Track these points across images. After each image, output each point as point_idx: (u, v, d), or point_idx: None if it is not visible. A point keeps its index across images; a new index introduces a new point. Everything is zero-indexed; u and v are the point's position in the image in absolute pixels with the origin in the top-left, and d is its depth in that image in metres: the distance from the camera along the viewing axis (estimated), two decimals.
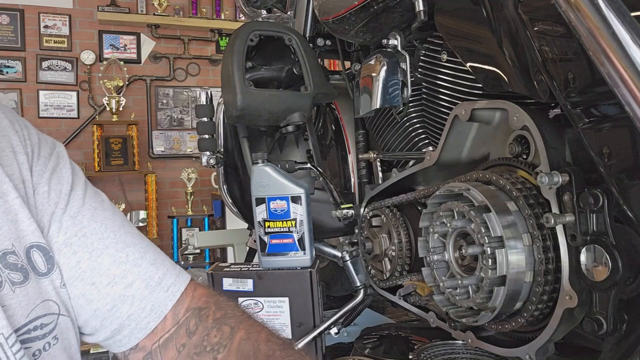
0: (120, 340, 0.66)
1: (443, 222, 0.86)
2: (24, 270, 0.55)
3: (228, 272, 1.19)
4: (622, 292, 0.67)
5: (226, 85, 1.25)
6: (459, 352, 1.10)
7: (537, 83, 0.75)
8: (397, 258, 1.16)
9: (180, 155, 4.74)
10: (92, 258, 0.63)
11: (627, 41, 0.51)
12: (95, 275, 0.63)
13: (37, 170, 0.62)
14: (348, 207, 1.29)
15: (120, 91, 4.36)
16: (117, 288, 0.64)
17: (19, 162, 0.60)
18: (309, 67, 1.31)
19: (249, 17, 1.88)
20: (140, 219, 4.33)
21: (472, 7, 0.86)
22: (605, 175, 0.65)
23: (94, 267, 0.63)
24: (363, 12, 1.07)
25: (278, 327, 1.27)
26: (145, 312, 0.66)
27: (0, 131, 0.60)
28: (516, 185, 0.78)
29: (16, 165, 0.59)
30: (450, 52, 0.97)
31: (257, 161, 1.15)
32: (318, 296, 1.15)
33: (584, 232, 0.69)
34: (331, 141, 1.58)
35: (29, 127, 0.65)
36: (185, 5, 4.75)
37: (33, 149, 0.63)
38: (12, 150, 0.60)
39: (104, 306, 0.64)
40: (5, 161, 0.59)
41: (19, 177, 0.59)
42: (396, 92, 1.07)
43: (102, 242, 0.65)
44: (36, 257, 0.58)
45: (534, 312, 0.76)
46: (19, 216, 0.57)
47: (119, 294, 0.64)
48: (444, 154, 0.96)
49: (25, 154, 0.61)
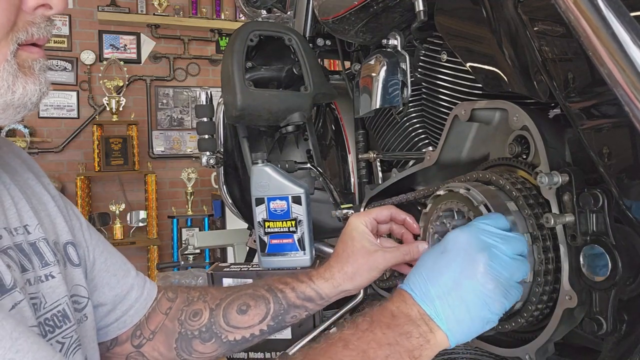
0: (125, 321, 0.85)
1: (443, 222, 0.86)
2: (63, 259, 0.72)
3: (228, 272, 1.19)
4: (622, 292, 0.67)
5: (226, 85, 1.26)
6: (459, 352, 1.10)
7: (537, 83, 0.75)
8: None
9: (180, 155, 4.74)
10: (112, 258, 0.85)
11: (627, 41, 0.51)
12: (116, 269, 0.85)
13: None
14: (348, 207, 1.29)
15: (120, 91, 4.36)
16: (128, 279, 0.86)
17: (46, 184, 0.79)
18: (309, 67, 1.31)
19: (249, 17, 1.88)
20: (140, 219, 4.33)
21: (472, 7, 0.86)
22: (605, 175, 0.65)
23: (114, 263, 0.85)
24: (363, 12, 1.07)
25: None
26: (144, 296, 0.87)
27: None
28: (516, 185, 0.78)
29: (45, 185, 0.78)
30: (450, 52, 0.97)
31: (257, 161, 1.15)
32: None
33: (583, 232, 0.68)
34: (331, 141, 1.58)
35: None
36: (185, 5, 4.75)
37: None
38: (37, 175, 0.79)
39: (122, 292, 0.85)
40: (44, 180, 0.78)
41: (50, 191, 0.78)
42: (396, 92, 1.07)
43: (111, 247, 0.87)
44: (71, 251, 0.75)
45: (534, 312, 0.76)
46: (57, 220, 0.75)
47: (130, 283, 0.86)
48: (443, 154, 0.96)
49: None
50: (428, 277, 0.63)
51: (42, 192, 0.76)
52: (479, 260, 0.62)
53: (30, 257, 0.65)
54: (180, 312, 0.86)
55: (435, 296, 0.62)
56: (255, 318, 0.83)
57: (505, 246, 0.64)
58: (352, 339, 0.60)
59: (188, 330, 0.84)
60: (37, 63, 0.62)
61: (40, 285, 0.65)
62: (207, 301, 0.86)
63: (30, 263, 0.64)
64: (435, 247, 0.67)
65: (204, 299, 0.87)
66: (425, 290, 0.62)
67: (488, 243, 0.63)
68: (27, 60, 0.60)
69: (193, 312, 0.85)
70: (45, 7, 0.60)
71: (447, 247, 0.65)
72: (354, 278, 0.82)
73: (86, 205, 4.19)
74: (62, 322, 0.66)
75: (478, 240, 0.63)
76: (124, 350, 0.86)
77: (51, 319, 0.64)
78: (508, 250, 0.64)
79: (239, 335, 0.83)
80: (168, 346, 0.85)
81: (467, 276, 0.62)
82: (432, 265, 0.64)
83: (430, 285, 0.62)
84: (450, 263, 0.63)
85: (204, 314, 0.85)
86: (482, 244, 0.63)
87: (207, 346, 0.84)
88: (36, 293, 0.64)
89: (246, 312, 0.83)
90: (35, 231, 0.68)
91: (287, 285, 0.85)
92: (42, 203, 0.74)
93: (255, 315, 0.83)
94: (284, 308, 0.84)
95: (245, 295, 0.85)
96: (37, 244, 0.67)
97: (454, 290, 0.62)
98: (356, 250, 0.82)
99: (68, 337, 0.66)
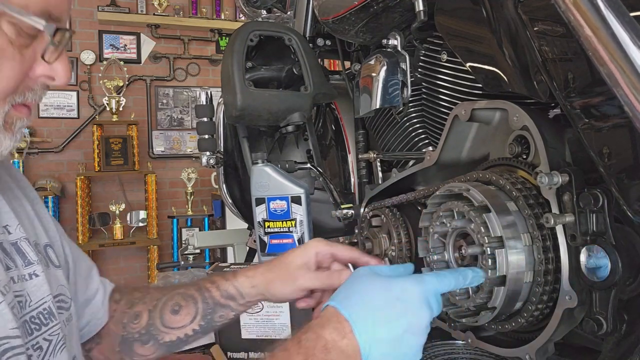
0: (95, 324, 0.85)
1: (443, 222, 0.86)
2: (45, 260, 0.72)
3: (228, 272, 1.19)
4: (622, 292, 0.67)
5: (226, 85, 1.26)
6: (459, 352, 1.10)
7: (537, 83, 0.75)
8: (397, 258, 1.16)
9: (180, 155, 4.74)
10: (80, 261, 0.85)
11: (627, 41, 0.51)
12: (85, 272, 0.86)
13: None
14: (348, 207, 1.29)
15: (120, 91, 4.36)
16: (94, 282, 0.87)
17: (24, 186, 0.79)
18: (309, 67, 1.31)
19: (249, 17, 1.88)
20: (140, 219, 4.33)
21: (472, 7, 0.86)
22: (605, 175, 0.65)
23: (81, 266, 0.85)
24: (363, 12, 1.07)
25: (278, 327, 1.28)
26: (107, 298, 0.88)
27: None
28: (516, 185, 0.78)
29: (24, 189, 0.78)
30: (450, 52, 0.97)
31: (257, 161, 1.16)
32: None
33: (583, 232, 0.69)
34: (331, 141, 1.58)
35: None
36: (185, 5, 4.75)
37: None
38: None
39: (91, 296, 0.85)
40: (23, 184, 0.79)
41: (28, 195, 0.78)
42: (396, 92, 1.07)
43: (79, 249, 0.87)
44: (51, 253, 0.74)
45: (534, 312, 0.76)
46: (35, 222, 0.75)
47: (96, 287, 0.87)
48: (443, 154, 0.96)
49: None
50: (377, 317, 0.61)
51: (20, 195, 0.76)
52: (423, 320, 0.63)
53: (13, 256, 0.65)
54: (123, 315, 0.87)
55: (378, 339, 0.60)
56: (186, 318, 0.84)
57: (437, 311, 0.65)
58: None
59: (129, 334, 0.85)
60: (20, 122, 0.62)
61: (24, 283, 0.65)
62: (147, 302, 0.87)
63: (13, 262, 0.64)
64: (385, 286, 0.64)
65: (144, 300, 0.88)
66: (371, 330, 0.60)
67: (431, 307, 0.64)
68: (12, 117, 0.61)
69: (134, 315, 0.86)
70: (49, 78, 0.62)
71: (402, 295, 0.63)
72: (272, 285, 0.82)
73: (86, 205, 4.19)
74: (49, 319, 0.66)
75: (427, 301, 0.64)
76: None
77: (37, 316, 0.65)
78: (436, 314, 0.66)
79: (174, 335, 0.85)
80: (112, 350, 0.87)
81: (411, 331, 0.62)
82: (383, 307, 0.62)
83: (378, 327, 0.61)
84: (404, 314, 0.62)
85: (144, 316, 0.86)
86: (428, 306, 0.64)
87: (146, 348, 0.85)
88: (21, 291, 0.64)
89: (178, 312, 0.85)
90: (16, 231, 0.68)
91: (213, 284, 0.86)
92: (21, 205, 0.75)
93: (186, 315, 0.84)
94: (211, 307, 0.85)
95: (177, 295, 0.86)
96: (19, 243, 0.68)
97: (396, 340, 0.61)
98: (286, 263, 0.83)
99: (55, 334, 0.66)
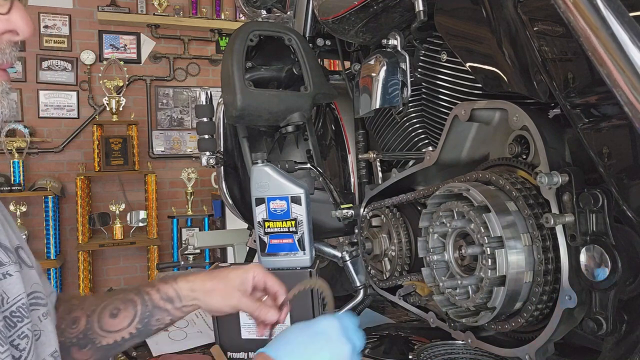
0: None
1: (443, 222, 0.86)
2: (17, 261, 0.71)
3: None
4: (622, 292, 0.67)
5: (226, 85, 1.25)
6: (459, 352, 1.10)
7: (537, 83, 0.75)
8: (397, 258, 1.16)
9: (180, 155, 4.74)
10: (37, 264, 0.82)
11: (626, 41, 0.51)
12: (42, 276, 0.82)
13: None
14: (348, 207, 1.29)
15: (120, 91, 4.36)
16: (49, 286, 0.84)
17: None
18: (309, 67, 1.31)
19: (249, 17, 1.88)
20: (140, 219, 4.32)
21: (472, 7, 0.86)
22: (605, 175, 0.65)
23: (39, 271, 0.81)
24: (363, 12, 1.07)
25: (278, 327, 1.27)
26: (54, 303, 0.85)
27: None
28: (516, 185, 0.78)
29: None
30: (450, 52, 0.97)
31: (257, 161, 1.15)
32: (318, 296, 1.15)
33: (583, 232, 0.69)
34: (331, 141, 1.58)
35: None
36: (185, 5, 4.75)
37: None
38: None
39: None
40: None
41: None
42: (396, 92, 1.07)
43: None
44: (22, 254, 0.74)
45: (534, 312, 0.76)
46: (5, 226, 0.74)
47: (50, 290, 0.85)
48: (443, 154, 0.96)
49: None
50: (302, 352, 0.69)
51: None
52: (346, 352, 0.70)
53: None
54: (61, 322, 0.88)
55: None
56: (124, 321, 0.87)
57: (360, 344, 0.73)
58: None
59: (67, 339, 0.87)
60: (0, 86, 0.62)
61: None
62: (85, 308, 0.89)
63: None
64: (307, 326, 0.73)
65: (82, 306, 0.89)
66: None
67: (353, 340, 0.72)
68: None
69: (72, 320, 0.88)
70: (12, 34, 0.61)
71: (322, 330, 0.72)
72: (208, 295, 0.89)
73: (86, 205, 4.19)
74: (28, 312, 0.67)
75: (346, 334, 0.72)
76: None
77: (17, 310, 0.66)
78: (360, 347, 0.74)
79: (111, 339, 0.87)
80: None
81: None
82: (306, 342, 0.70)
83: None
84: (328, 345, 0.70)
85: (82, 321, 0.87)
86: (349, 339, 0.72)
87: (84, 352, 0.87)
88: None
89: (117, 316, 0.87)
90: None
91: (153, 287, 0.90)
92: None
93: (124, 318, 0.87)
94: (149, 310, 0.88)
95: (117, 299, 0.89)
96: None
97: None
98: (227, 278, 0.89)
99: (34, 329, 0.68)
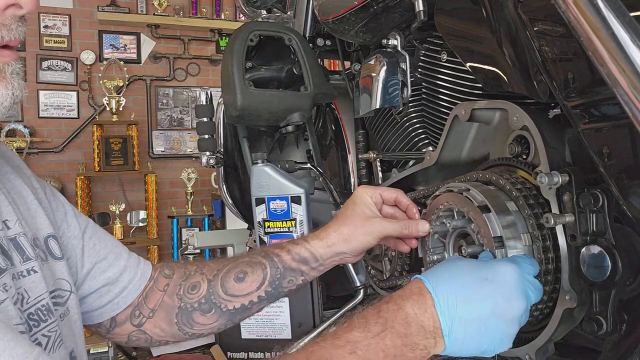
0: (118, 303, 0.85)
1: (443, 222, 0.86)
2: (44, 253, 0.72)
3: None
4: (622, 292, 0.67)
5: (226, 86, 1.26)
6: None
7: (537, 83, 0.75)
8: (397, 258, 1.16)
9: (180, 155, 4.74)
10: (101, 242, 0.85)
11: (627, 41, 0.51)
12: (106, 252, 0.85)
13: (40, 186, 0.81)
14: None
15: (120, 91, 4.36)
16: (120, 261, 0.86)
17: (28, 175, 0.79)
18: (309, 67, 1.31)
19: (249, 17, 1.88)
20: (140, 219, 4.32)
21: (472, 7, 0.86)
22: (605, 175, 0.65)
23: (104, 247, 0.85)
24: (363, 12, 1.07)
25: (278, 327, 1.28)
26: (137, 277, 0.87)
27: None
28: (516, 185, 0.78)
29: (27, 178, 0.78)
30: (450, 52, 0.97)
31: (257, 161, 1.16)
32: (318, 296, 1.15)
33: (584, 232, 0.69)
34: (331, 141, 1.58)
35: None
36: (185, 5, 4.75)
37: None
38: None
39: (114, 275, 0.85)
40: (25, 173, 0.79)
41: (31, 185, 0.77)
42: (396, 92, 1.07)
43: (102, 231, 0.87)
44: (52, 244, 0.74)
45: (534, 312, 0.76)
46: (37, 213, 0.74)
47: (123, 265, 0.86)
48: (443, 154, 0.96)
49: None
50: (461, 295, 0.61)
51: (22, 186, 0.75)
52: (516, 307, 0.63)
53: (10, 253, 0.65)
54: (178, 288, 0.87)
55: (460, 318, 0.61)
56: (252, 285, 0.83)
57: (535, 297, 0.65)
58: (361, 344, 0.59)
59: (187, 304, 0.85)
60: (8, 66, 0.60)
61: (22, 280, 0.64)
62: (205, 273, 0.87)
63: (10, 259, 0.64)
64: (476, 266, 0.65)
65: (201, 271, 0.87)
66: (453, 307, 0.61)
67: (528, 294, 0.64)
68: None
69: (191, 286, 0.86)
70: (16, 7, 0.59)
71: (493, 277, 0.63)
72: (349, 240, 0.83)
73: (86, 205, 4.19)
74: (47, 315, 0.66)
75: (522, 287, 0.63)
76: (125, 330, 0.87)
77: (35, 313, 0.64)
78: (534, 301, 0.66)
79: (238, 303, 0.84)
80: (169, 322, 0.86)
81: (498, 315, 0.61)
82: (469, 285, 0.62)
83: (461, 305, 0.61)
84: (492, 295, 0.62)
85: (202, 286, 0.85)
86: (524, 293, 0.63)
87: (208, 317, 0.85)
88: (18, 289, 0.63)
89: (243, 280, 0.84)
90: (15, 226, 0.68)
91: (283, 249, 0.86)
92: (21, 197, 0.73)
93: (252, 281, 0.84)
94: (281, 272, 0.84)
95: (242, 263, 0.85)
96: (18, 238, 0.67)
97: (480, 322, 0.61)
98: (355, 214, 0.84)
99: (53, 330, 0.66)
